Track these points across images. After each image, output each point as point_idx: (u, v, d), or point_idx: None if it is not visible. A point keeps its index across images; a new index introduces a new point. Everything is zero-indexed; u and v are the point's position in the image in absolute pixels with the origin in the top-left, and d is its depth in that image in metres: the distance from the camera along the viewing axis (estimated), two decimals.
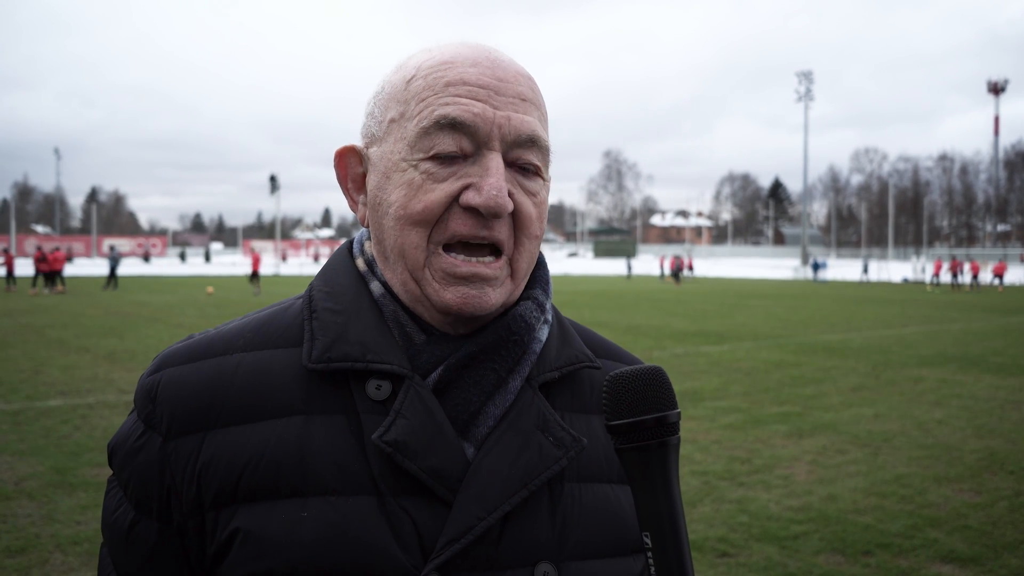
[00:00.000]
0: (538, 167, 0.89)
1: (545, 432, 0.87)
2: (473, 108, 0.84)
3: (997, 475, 6.52)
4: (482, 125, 0.84)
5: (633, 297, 32.08)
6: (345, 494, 0.81)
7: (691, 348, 14.78)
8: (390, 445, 0.81)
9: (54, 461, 6.55)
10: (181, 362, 0.89)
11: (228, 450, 0.83)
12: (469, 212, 0.84)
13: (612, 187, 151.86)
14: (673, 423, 0.75)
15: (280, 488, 0.82)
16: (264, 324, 0.92)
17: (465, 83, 0.86)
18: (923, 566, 4.66)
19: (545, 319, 0.95)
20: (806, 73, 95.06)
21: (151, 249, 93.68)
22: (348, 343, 0.86)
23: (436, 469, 0.82)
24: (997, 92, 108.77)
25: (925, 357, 13.69)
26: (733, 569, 4.61)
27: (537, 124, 0.88)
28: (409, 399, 0.84)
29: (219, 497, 0.82)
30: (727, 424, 8.31)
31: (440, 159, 0.85)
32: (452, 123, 0.84)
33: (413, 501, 0.82)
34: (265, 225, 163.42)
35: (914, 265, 59.01)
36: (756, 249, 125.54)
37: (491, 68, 0.87)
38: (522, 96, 0.88)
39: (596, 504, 0.89)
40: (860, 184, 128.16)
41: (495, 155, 0.85)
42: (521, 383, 0.89)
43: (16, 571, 4.48)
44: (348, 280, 0.93)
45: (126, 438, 0.88)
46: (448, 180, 0.85)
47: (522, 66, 0.92)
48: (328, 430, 0.84)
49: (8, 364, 11.84)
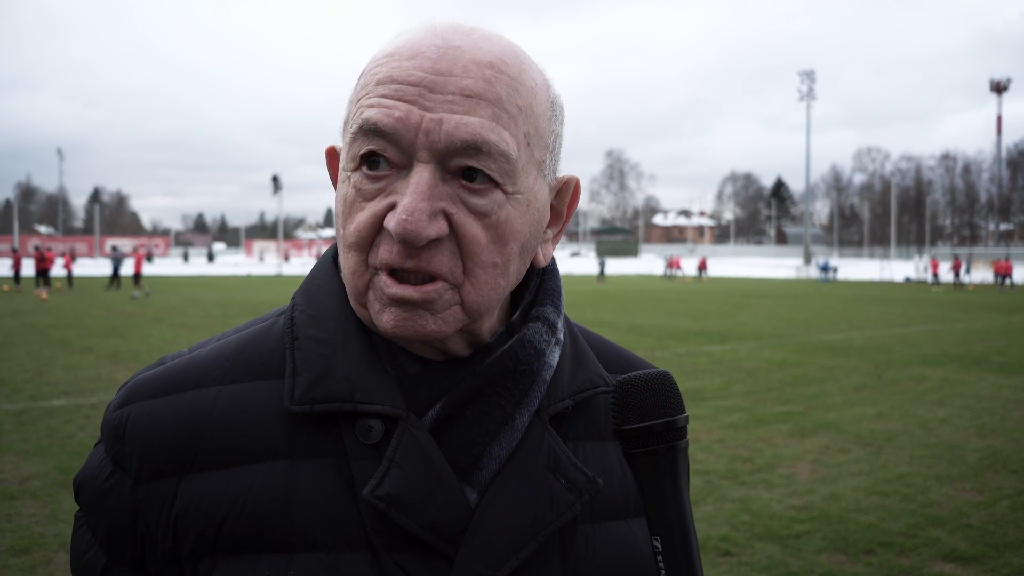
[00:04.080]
0: (490, 177, 0.73)
1: (557, 474, 0.79)
2: (395, 111, 0.72)
3: (999, 474, 6.51)
4: (404, 132, 0.71)
5: (635, 297, 32.06)
6: (336, 550, 0.74)
7: (693, 347, 14.78)
8: (383, 500, 0.73)
9: (58, 461, 6.57)
10: (152, 395, 0.80)
11: (207, 497, 0.75)
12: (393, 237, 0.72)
13: (614, 187, 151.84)
14: (681, 427, 0.74)
15: (264, 541, 0.74)
16: (243, 350, 0.83)
17: (393, 80, 0.73)
18: (925, 565, 4.66)
19: (556, 339, 0.84)
20: (808, 72, 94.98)
21: (154, 249, 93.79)
22: (334, 380, 0.77)
23: (435, 523, 0.74)
24: (1000, 91, 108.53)
25: (928, 356, 13.67)
26: (735, 568, 4.62)
27: (483, 125, 0.72)
28: (403, 444, 0.75)
29: (197, 547, 0.75)
30: (729, 423, 8.31)
31: (367, 169, 0.74)
32: (372, 129, 0.72)
33: (410, 557, 0.74)
34: (268, 225, 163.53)
35: (917, 264, 58.90)
36: (758, 249, 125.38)
37: (433, 59, 0.73)
38: (466, 92, 0.72)
39: (612, 547, 0.82)
40: (862, 183, 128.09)
41: (421, 168, 0.72)
42: (529, 418, 0.80)
43: (20, 570, 4.49)
44: (333, 301, 0.82)
45: (94, 476, 0.80)
46: (376, 198, 0.74)
47: (494, 50, 0.75)
48: (316, 477, 0.75)
49: (12, 364, 11.86)
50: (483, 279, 0.75)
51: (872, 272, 59.18)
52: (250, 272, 57.53)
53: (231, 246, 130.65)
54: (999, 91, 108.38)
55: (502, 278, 0.77)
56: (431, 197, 0.72)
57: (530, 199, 0.77)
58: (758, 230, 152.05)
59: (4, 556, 4.68)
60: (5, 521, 5.21)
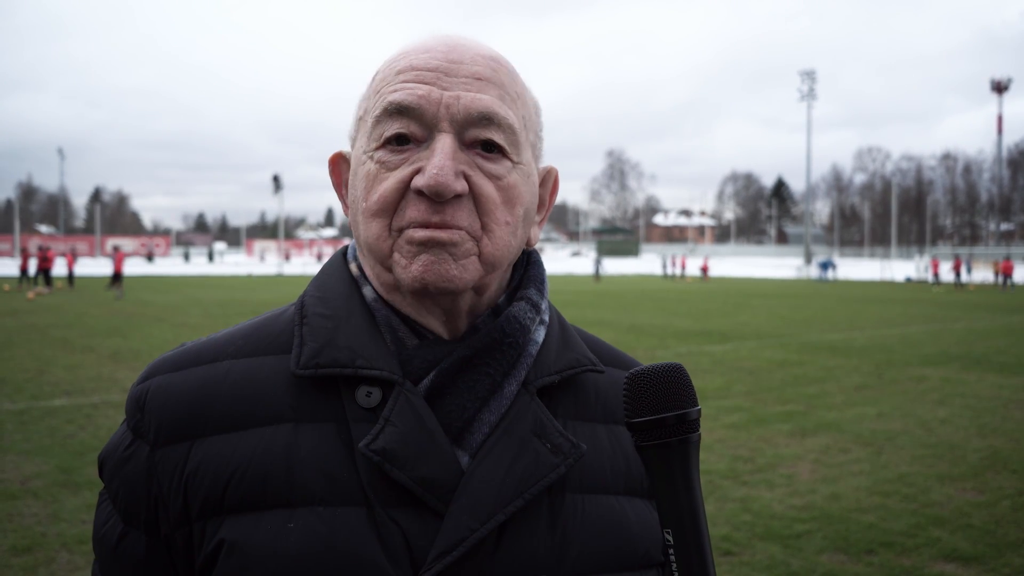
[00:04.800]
0: (501, 146, 0.84)
1: (542, 438, 0.84)
2: (418, 91, 0.82)
3: (1000, 474, 6.51)
4: (427, 107, 0.82)
5: (636, 296, 32.06)
6: (333, 505, 0.79)
7: (694, 347, 14.78)
8: (378, 454, 0.78)
9: (59, 460, 6.57)
10: (170, 370, 0.87)
11: (215, 459, 0.80)
12: (421, 196, 0.81)
13: (615, 187, 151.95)
14: (694, 420, 0.75)
15: (267, 498, 0.79)
16: (255, 331, 0.90)
17: (414, 68, 0.84)
18: (926, 565, 4.66)
19: (541, 319, 0.91)
20: (809, 72, 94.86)
21: (154, 249, 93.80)
22: (337, 348, 0.84)
23: (427, 479, 0.79)
24: (1000, 91, 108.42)
25: (928, 356, 13.67)
26: (736, 568, 4.62)
27: (494, 101, 0.84)
28: (399, 406, 0.81)
29: (205, 507, 0.80)
30: (730, 423, 8.32)
31: (392, 146, 0.83)
32: (399, 108, 0.82)
33: (404, 512, 0.79)
34: (268, 225, 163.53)
35: (917, 264, 58.93)
36: (759, 248, 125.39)
37: (445, 51, 0.85)
38: (477, 75, 0.84)
39: (599, 516, 0.86)
40: (863, 183, 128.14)
41: (444, 136, 0.82)
42: (517, 388, 0.86)
43: (22, 570, 4.50)
44: (341, 285, 0.90)
45: (115, 448, 0.86)
46: (400, 167, 0.83)
47: (491, 50, 0.88)
48: (317, 439, 0.81)
49: (13, 364, 11.87)
50: (497, 234, 0.84)
51: (873, 272, 59.17)
52: (251, 272, 57.52)
53: (232, 246, 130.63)
54: (1000, 91, 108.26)
55: (512, 237, 0.86)
56: (454, 159, 0.82)
57: (529, 172, 0.89)
58: (759, 230, 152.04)
59: (6, 556, 4.68)
60: (7, 521, 5.21)
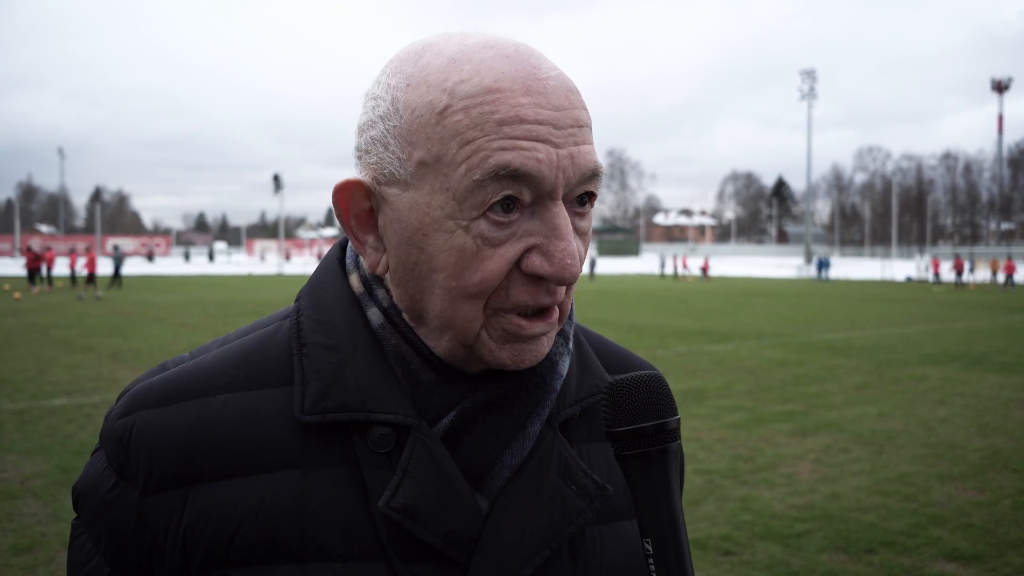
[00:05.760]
0: (594, 196, 0.77)
1: (568, 480, 0.80)
2: (537, 153, 0.70)
3: (1001, 473, 6.51)
4: (548, 173, 0.71)
5: (637, 296, 32.06)
6: (350, 560, 0.74)
7: (695, 347, 14.77)
8: (399, 511, 0.73)
9: (59, 460, 6.57)
10: (156, 404, 0.78)
11: (217, 509, 0.74)
12: (532, 279, 0.73)
13: (615, 186, 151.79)
14: (673, 430, 0.74)
15: (277, 552, 0.74)
16: (248, 357, 0.81)
17: (522, 121, 0.70)
18: (926, 564, 4.66)
19: (568, 349, 0.86)
20: (809, 72, 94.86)
21: (155, 249, 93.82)
22: (345, 390, 0.76)
23: (449, 533, 0.74)
24: (1001, 90, 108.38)
25: (929, 356, 13.66)
26: (736, 567, 4.62)
27: (594, 151, 0.75)
28: (417, 454, 0.75)
29: (208, 559, 0.74)
30: (730, 423, 8.31)
31: (496, 215, 0.71)
32: (514, 174, 0.70)
33: (425, 567, 0.74)
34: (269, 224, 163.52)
35: (918, 264, 58.90)
36: (760, 248, 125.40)
37: (544, 94, 0.72)
38: (579, 122, 0.74)
39: (619, 547, 0.83)
40: (864, 183, 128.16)
41: (560, 208, 0.72)
42: (540, 427, 0.81)
43: (22, 569, 4.50)
44: (341, 306, 0.81)
45: (96, 486, 0.78)
46: (507, 243, 0.72)
47: (561, 69, 0.76)
48: (329, 486, 0.75)
49: (13, 364, 11.87)
50: (573, 288, 0.78)
51: (873, 271, 59.20)
52: (251, 271, 57.51)
53: (232, 245, 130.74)
54: (1000, 90, 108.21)
55: None
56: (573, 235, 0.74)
57: None
58: (759, 229, 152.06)
59: (6, 555, 4.68)
60: (7, 520, 5.21)
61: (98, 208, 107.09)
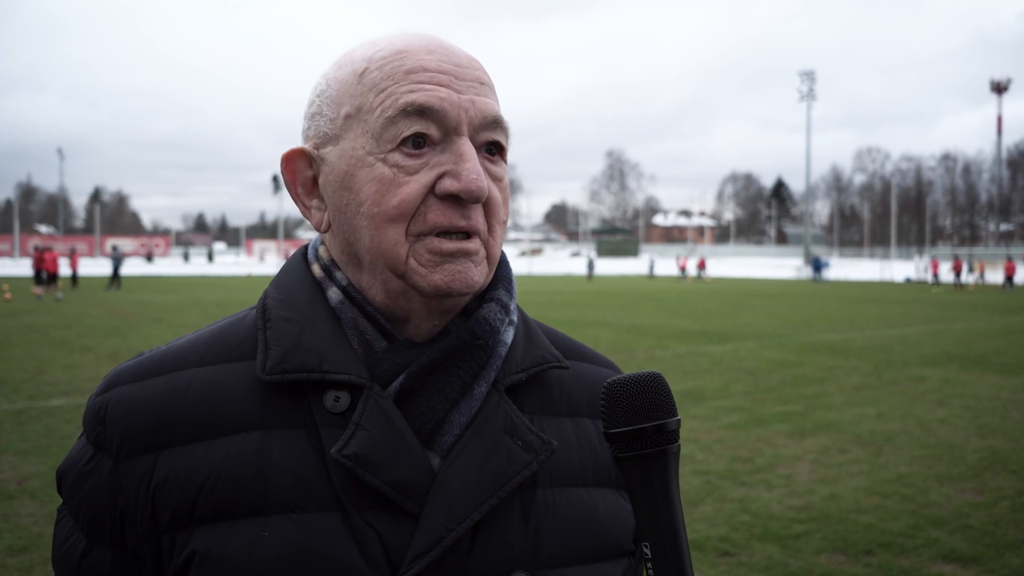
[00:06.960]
0: (503, 148, 0.87)
1: (513, 436, 0.84)
2: (439, 93, 0.82)
3: (999, 475, 6.51)
4: (450, 110, 0.82)
5: (635, 297, 32.06)
6: (308, 511, 0.78)
7: (693, 348, 14.77)
8: (350, 459, 0.78)
9: (57, 461, 6.55)
10: (130, 380, 0.85)
11: (183, 469, 0.79)
12: (447, 201, 0.81)
13: (614, 187, 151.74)
14: (672, 431, 0.73)
15: (239, 507, 0.78)
16: (217, 337, 0.89)
17: (426, 70, 0.83)
18: (925, 565, 4.65)
19: (510, 320, 0.91)
20: (808, 73, 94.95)
21: (154, 249, 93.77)
22: (303, 352, 0.82)
23: (400, 481, 0.79)
24: (1000, 91, 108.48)
25: (928, 356, 13.67)
26: (735, 568, 4.61)
27: (496, 106, 0.86)
28: (368, 410, 0.80)
29: (175, 518, 0.79)
30: (729, 423, 8.31)
31: (407, 149, 0.81)
32: (419, 110, 0.81)
33: (379, 515, 0.79)
34: (268, 225, 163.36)
35: (917, 265, 58.96)
36: (759, 249, 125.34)
37: (446, 55, 0.85)
38: (480, 80, 0.86)
39: (571, 509, 0.87)
40: (863, 184, 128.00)
41: (466, 140, 0.82)
42: (487, 388, 0.86)
43: (19, 570, 4.49)
44: (303, 288, 0.89)
45: (75, 462, 0.85)
46: (421, 171, 0.81)
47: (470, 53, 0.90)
48: (287, 445, 0.80)
49: (11, 364, 11.86)
50: (498, 234, 0.87)
51: (872, 272, 59.22)
52: (250, 272, 57.50)
53: (231, 246, 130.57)
54: (999, 91, 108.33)
55: (503, 235, 0.88)
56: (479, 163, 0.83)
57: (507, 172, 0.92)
58: (758, 230, 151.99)
59: (2, 556, 4.67)
60: (3, 521, 5.20)
61: (97, 208, 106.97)
